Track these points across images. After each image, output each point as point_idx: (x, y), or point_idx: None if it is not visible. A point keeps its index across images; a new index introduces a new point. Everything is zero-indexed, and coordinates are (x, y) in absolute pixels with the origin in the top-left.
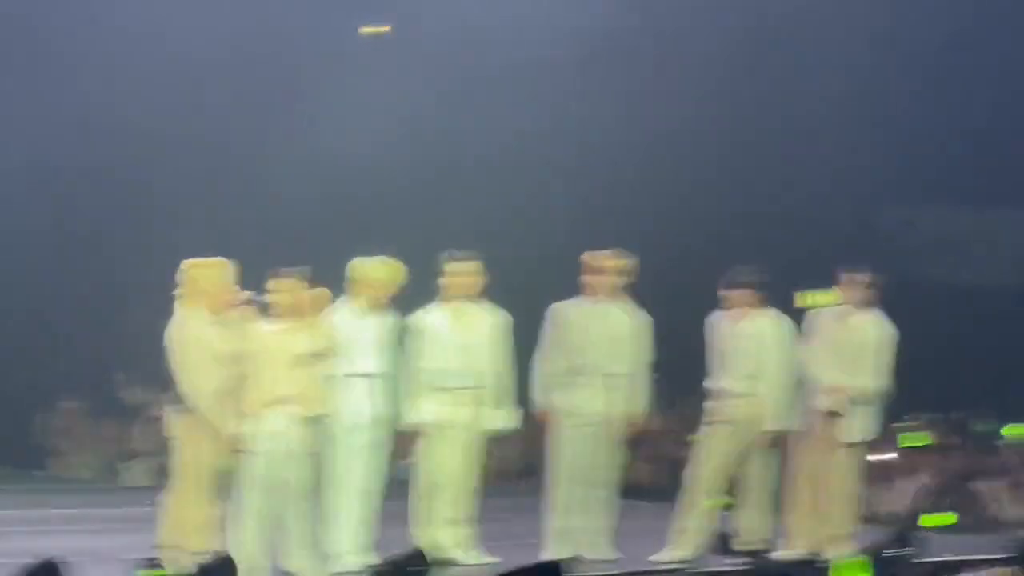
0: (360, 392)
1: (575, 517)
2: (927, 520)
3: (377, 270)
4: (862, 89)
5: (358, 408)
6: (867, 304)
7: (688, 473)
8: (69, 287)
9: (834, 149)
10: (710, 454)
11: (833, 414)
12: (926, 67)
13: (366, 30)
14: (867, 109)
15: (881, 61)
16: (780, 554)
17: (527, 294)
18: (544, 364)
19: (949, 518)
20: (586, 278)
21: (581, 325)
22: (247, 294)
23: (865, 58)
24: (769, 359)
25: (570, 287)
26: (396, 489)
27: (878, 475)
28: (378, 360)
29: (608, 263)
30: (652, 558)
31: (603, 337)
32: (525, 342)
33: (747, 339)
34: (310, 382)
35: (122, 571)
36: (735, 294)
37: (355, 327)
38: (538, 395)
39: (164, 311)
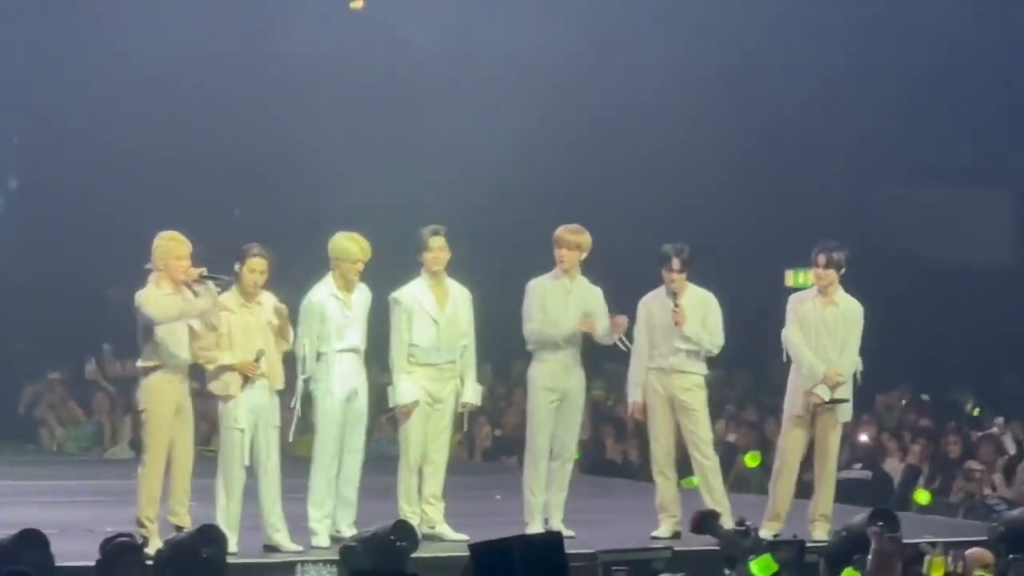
0: (348, 367)
1: (548, 492)
2: (920, 496)
3: (355, 243)
4: (855, 65)
5: (346, 382)
6: (839, 282)
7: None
8: (58, 257)
9: (825, 126)
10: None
11: (836, 401)
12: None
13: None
14: (859, 85)
15: (876, 36)
16: (764, 534)
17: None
18: (530, 339)
19: (927, 496)
20: (560, 252)
21: (559, 301)
22: (199, 270)
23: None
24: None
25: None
26: (379, 464)
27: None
28: (362, 335)
29: (584, 238)
30: (654, 534)
31: (579, 312)
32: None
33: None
34: (277, 358)
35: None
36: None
37: (337, 303)
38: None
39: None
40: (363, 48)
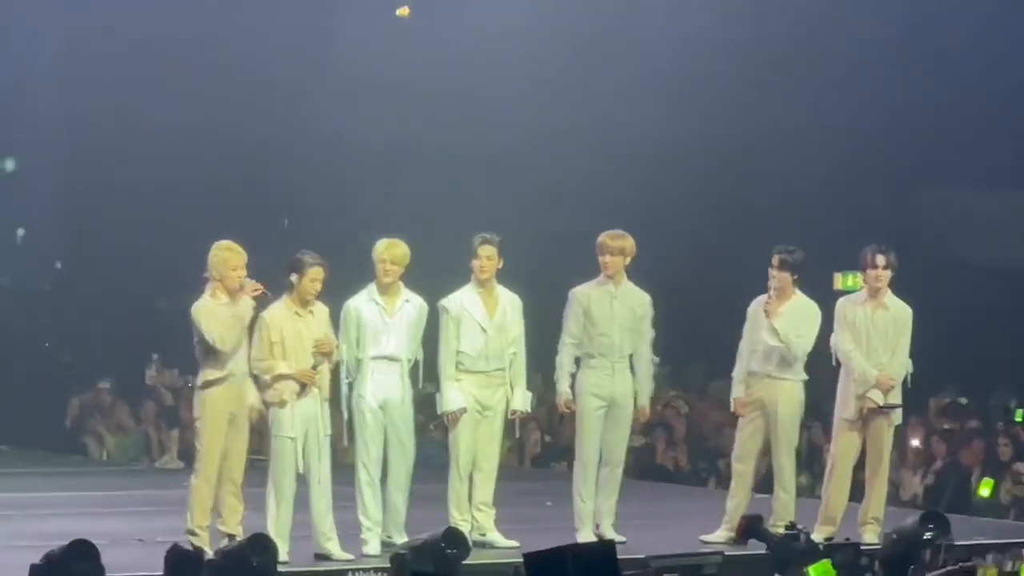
0: (383, 375)
1: (598, 498)
2: (984, 487)
3: (385, 244)
4: (897, 66)
5: (380, 390)
6: (888, 285)
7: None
8: (106, 268)
9: (866, 131)
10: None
11: (889, 407)
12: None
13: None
14: (902, 86)
15: (910, 40)
16: (817, 537)
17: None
18: (567, 348)
19: (990, 485)
20: (604, 259)
21: (604, 307)
22: (251, 282)
23: (895, 37)
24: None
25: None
26: (429, 471)
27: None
28: (404, 344)
29: (627, 243)
30: (703, 538)
31: (625, 318)
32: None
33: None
34: (325, 367)
35: (156, 553)
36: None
37: (376, 308)
38: (561, 380)
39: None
40: (407, 54)
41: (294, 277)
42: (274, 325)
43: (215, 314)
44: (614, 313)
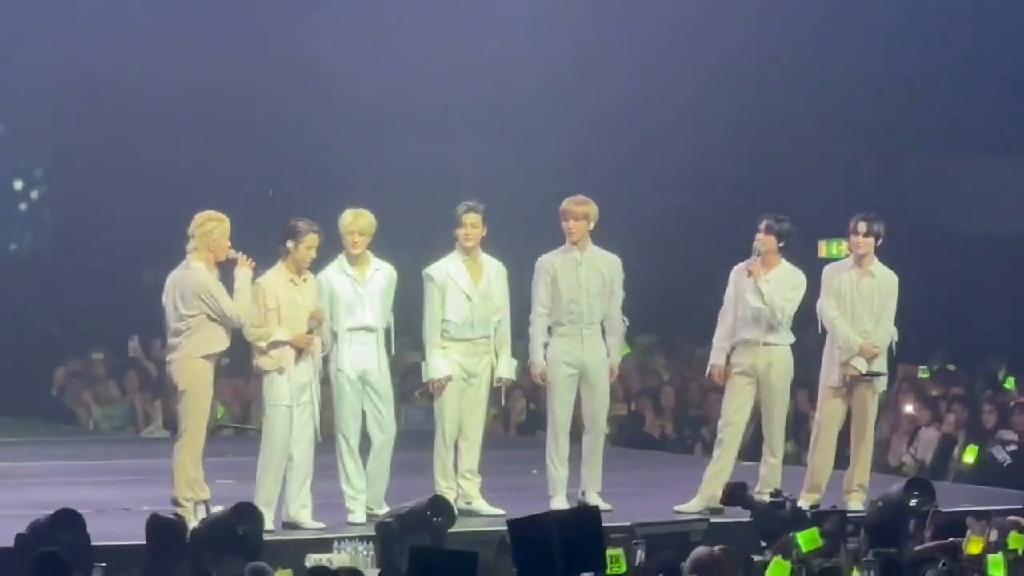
0: (360, 345)
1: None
2: (968, 453)
3: (349, 215)
4: (885, 36)
5: (357, 361)
6: (876, 253)
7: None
8: (94, 238)
9: (857, 98)
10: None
11: (872, 374)
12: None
13: None
14: (888, 56)
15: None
16: (803, 504)
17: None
18: (539, 318)
19: (974, 452)
20: (568, 225)
21: (571, 275)
22: (245, 257)
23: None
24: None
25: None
26: (415, 439)
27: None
28: (378, 313)
29: (590, 208)
30: (677, 508)
31: (593, 283)
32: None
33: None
34: (319, 339)
35: (141, 522)
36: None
37: (348, 280)
38: (535, 350)
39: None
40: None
41: (290, 244)
42: (269, 292)
43: (224, 290)
44: (581, 280)
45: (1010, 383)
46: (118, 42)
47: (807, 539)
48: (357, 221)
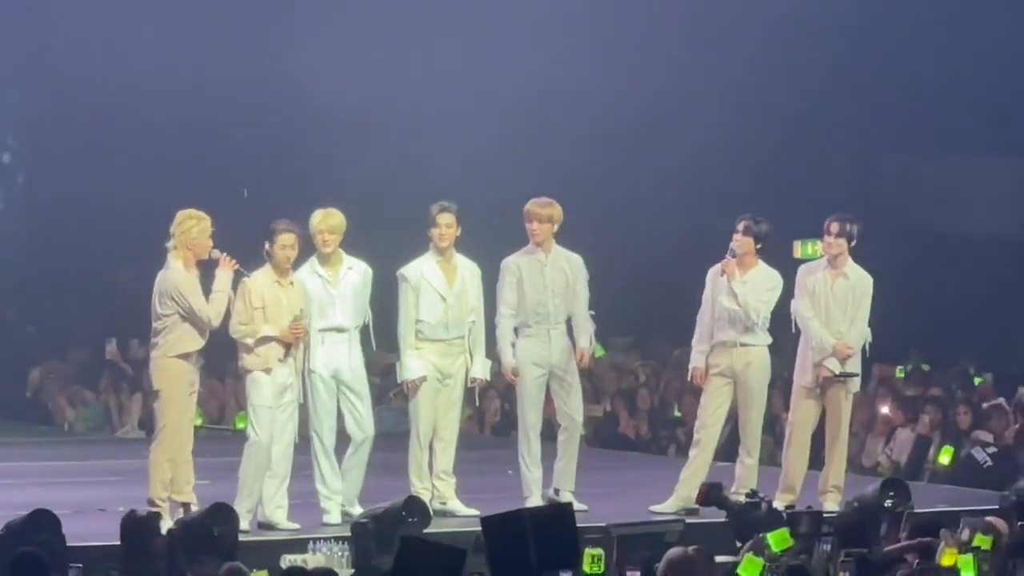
0: (332, 346)
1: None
2: (944, 455)
3: (317, 215)
4: (859, 36)
5: (331, 361)
6: (851, 254)
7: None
8: (71, 242)
9: (832, 98)
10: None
11: (845, 375)
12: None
13: None
14: (865, 57)
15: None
16: (778, 505)
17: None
18: (505, 319)
19: (950, 453)
20: (532, 226)
21: (535, 276)
22: (228, 258)
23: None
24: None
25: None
26: (386, 441)
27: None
28: (351, 314)
29: (555, 211)
30: (652, 508)
31: (557, 285)
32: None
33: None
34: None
35: (117, 522)
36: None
37: (320, 281)
38: (504, 351)
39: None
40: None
41: (267, 245)
42: (255, 291)
43: (198, 288)
44: (547, 281)
45: (979, 381)
46: (93, 45)
47: (778, 539)
48: (326, 220)
